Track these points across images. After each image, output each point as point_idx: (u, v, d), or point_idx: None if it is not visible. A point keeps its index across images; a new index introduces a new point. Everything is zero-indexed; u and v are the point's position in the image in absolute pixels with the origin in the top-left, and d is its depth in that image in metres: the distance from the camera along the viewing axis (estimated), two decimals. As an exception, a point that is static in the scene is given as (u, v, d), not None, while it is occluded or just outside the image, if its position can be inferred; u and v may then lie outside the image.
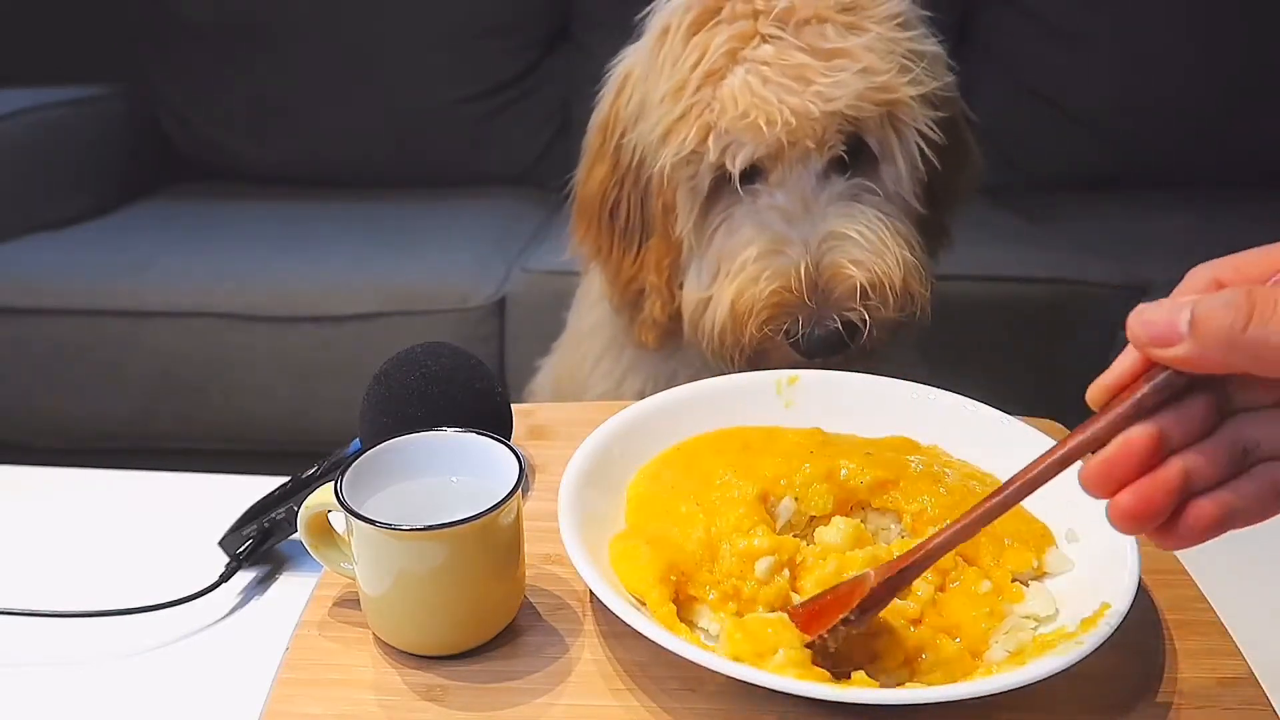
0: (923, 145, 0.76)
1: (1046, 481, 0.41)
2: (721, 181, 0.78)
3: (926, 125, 0.76)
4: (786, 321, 0.75)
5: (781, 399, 0.65)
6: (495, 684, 0.47)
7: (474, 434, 0.52)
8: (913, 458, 0.57)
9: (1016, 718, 0.44)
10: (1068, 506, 0.54)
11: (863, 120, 0.74)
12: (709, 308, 0.79)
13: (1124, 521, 0.37)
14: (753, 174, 0.77)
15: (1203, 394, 0.37)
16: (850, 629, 0.45)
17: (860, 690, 0.42)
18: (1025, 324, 1.51)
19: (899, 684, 0.45)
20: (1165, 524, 0.37)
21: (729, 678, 0.42)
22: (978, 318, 1.50)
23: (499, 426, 0.61)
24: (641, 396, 0.92)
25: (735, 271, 0.76)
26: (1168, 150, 1.93)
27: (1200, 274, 0.38)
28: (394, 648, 0.49)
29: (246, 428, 1.55)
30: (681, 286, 0.83)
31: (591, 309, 0.99)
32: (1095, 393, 0.39)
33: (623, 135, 0.83)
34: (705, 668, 0.43)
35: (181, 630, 0.57)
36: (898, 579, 0.44)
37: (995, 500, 0.42)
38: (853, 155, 0.77)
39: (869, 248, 0.74)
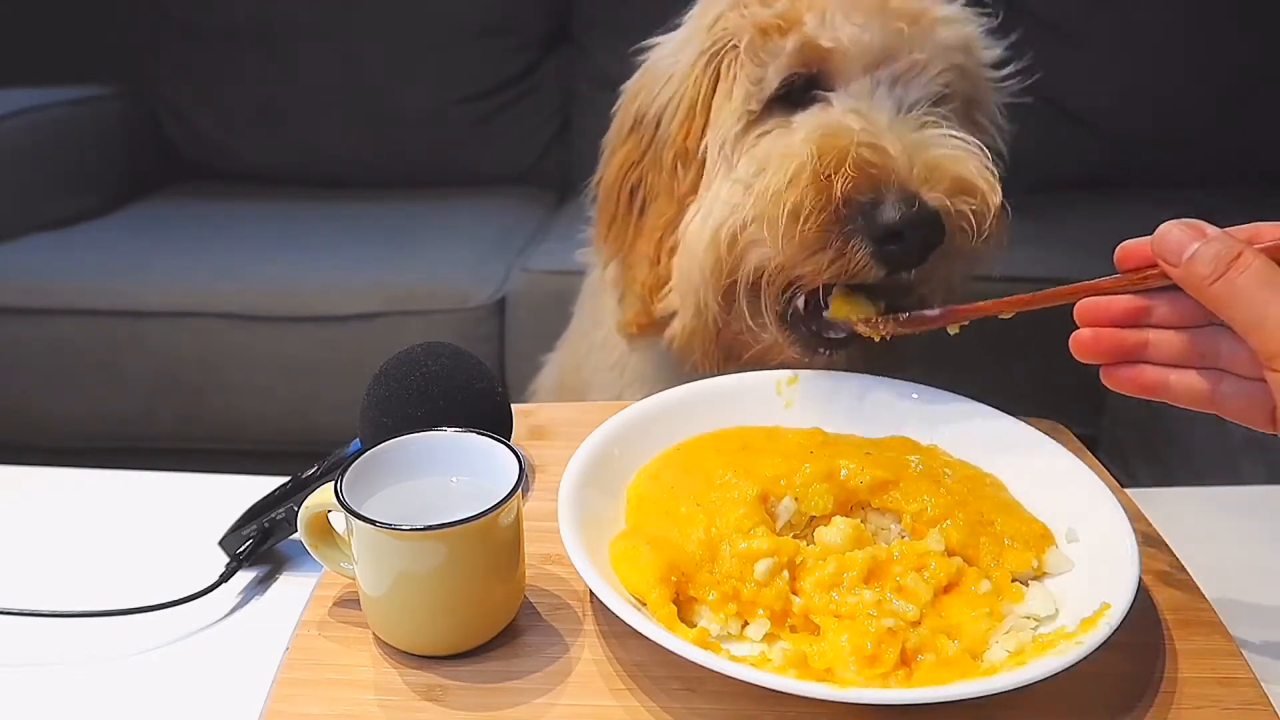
0: (994, 134, 0.74)
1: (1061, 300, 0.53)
2: (786, 95, 0.70)
3: (999, 123, 0.74)
4: (878, 192, 0.62)
5: (781, 399, 0.65)
6: (495, 684, 0.47)
7: (474, 434, 0.52)
8: (913, 458, 0.57)
9: (1016, 718, 0.44)
10: (1068, 507, 0.54)
11: (951, 85, 0.70)
12: (751, 194, 0.67)
13: (1075, 348, 0.51)
14: (812, 97, 0.70)
15: None
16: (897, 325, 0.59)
17: (860, 690, 0.42)
18: (1025, 324, 1.51)
19: (898, 684, 0.45)
20: (1112, 368, 0.50)
21: (729, 678, 0.42)
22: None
23: (499, 426, 0.61)
24: (645, 393, 0.91)
25: (811, 135, 0.65)
26: (1168, 150, 1.93)
27: (1253, 228, 0.45)
28: (394, 648, 0.49)
29: (246, 428, 1.55)
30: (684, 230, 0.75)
31: (602, 308, 0.98)
32: (1122, 252, 0.50)
33: (647, 108, 0.78)
34: (705, 668, 0.43)
35: (181, 630, 0.57)
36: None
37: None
38: None
39: (964, 149, 0.66)
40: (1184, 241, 0.45)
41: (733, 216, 0.68)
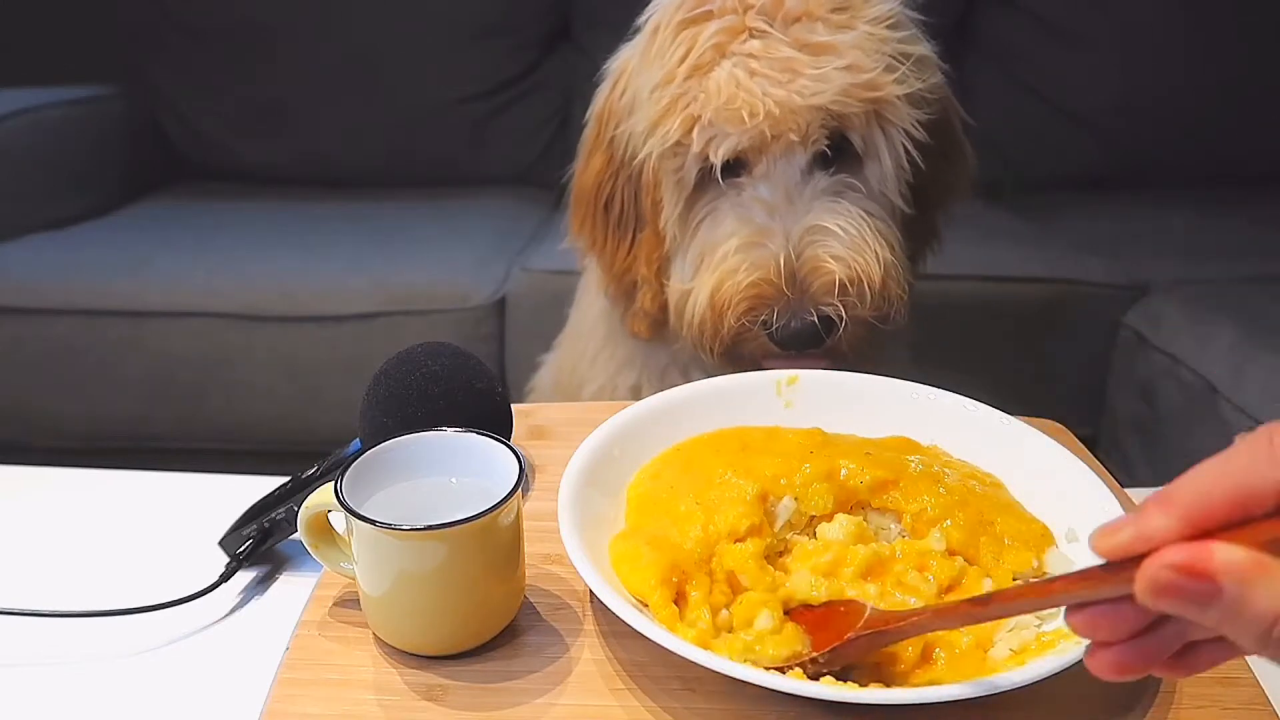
0: (908, 145, 0.77)
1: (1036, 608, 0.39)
2: (706, 174, 0.79)
3: (912, 125, 0.76)
4: (764, 313, 0.75)
5: (781, 399, 0.65)
6: (495, 684, 0.47)
7: (474, 434, 0.52)
8: (913, 458, 0.57)
9: (1017, 717, 0.44)
10: (1068, 507, 0.54)
11: (847, 116, 0.75)
12: (691, 298, 0.80)
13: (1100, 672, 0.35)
14: (737, 167, 0.78)
15: None
16: (818, 668, 0.44)
17: (860, 690, 0.42)
18: (1025, 324, 1.52)
19: (900, 684, 0.45)
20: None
21: (729, 678, 0.42)
22: (978, 318, 1.50)
23: (499, 426, 0.61)
24: (635, 390, 0.93)
25: (716, 263, 0.77)
26: (1168, 150, 1.93)
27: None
28: (394, 648, 0.49)
29: (246, 428, 1.55)
30: (669, 279, 0.84)
31: (591, 304, 0.99)
32: (1109, 549, 0.32)
33: (617, 127, 0.84)
34: (705, 668, 0.43)
35: (181, 630, 0.57)
36: (878, 637, 0.43)
37: (994, 604, 0.39)
38: (837, 153, 0.77)
39: (849, 244, 0.74)
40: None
41: (683, 301, 0.81)
